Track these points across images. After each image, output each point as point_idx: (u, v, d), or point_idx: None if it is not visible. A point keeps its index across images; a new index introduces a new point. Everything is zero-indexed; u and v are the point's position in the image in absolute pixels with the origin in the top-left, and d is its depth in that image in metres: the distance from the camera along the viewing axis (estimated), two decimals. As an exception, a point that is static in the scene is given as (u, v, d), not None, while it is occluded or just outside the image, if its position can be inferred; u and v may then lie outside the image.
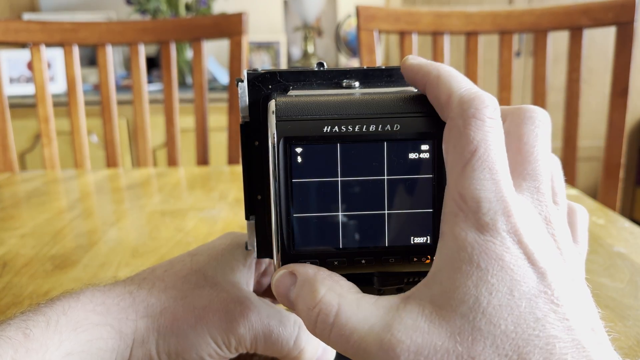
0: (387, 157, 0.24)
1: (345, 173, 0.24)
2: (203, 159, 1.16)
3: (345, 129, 0.24)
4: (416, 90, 0.26)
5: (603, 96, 2.53)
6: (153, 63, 2.19)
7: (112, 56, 1.15)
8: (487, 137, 0.22)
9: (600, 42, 2.43)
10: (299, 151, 0.24)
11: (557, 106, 1.26)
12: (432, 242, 0.25)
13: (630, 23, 1.03)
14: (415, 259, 0.25)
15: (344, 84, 0.27)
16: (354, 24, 2.33)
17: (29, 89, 2.00)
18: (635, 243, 0.57)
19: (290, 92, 0.26)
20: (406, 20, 1.11)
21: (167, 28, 1.14)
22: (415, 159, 0.24)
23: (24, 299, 0.47)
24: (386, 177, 0.24)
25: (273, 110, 0.24)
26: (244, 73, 0.27)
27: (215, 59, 2.24)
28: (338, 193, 0.24)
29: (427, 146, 0.24)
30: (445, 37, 1.11)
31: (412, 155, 0.24)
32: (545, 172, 0.24)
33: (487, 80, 1.39)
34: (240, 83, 0.27)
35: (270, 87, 0.27)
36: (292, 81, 0.27)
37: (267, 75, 0.27)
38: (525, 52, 2.51)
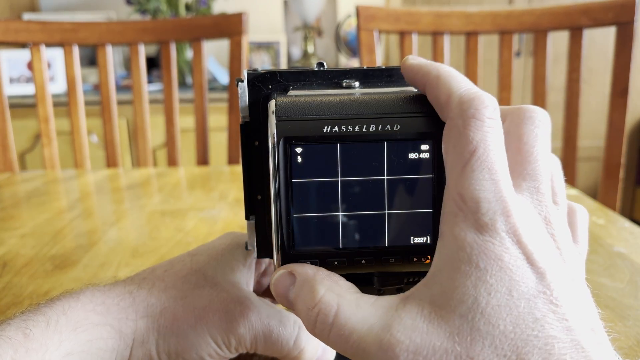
0: (387, 157, 0.24)
1: (345, 173, 0.24)
2: (203, 159, 1.16)
3: (345, 129, 0.24)
4: (416, 90, 0.26)
5: (603, 96, 2.53)
6: (153, 63, 2.19)
7: (112, 56, 1.15)
8: (487, 137, 0.22)
9: (600, 42, 2.43)
10: (299, 151, 0.24)
11: (557, 106, 1.26)
12: (432, 242, 0.25)
13: (630, 23, 1.03)
14: (415, 259, 0.25)
15: (344, 84, 0.27)
16: (354, 24, 2.32)
17: (29, 89, 2.00)
18: (635, 243, 0.57)
19: (290, 92, 0.26)
20: (406, 20, 1.11)
21: (167, 28, 1.14)
22: (415, 159, 0.24)
23: (24, 299, 0.47)
24: (386, 177, 0.24)
25: (273, 110, 0.24)
26: (244, 73, 0.27)
27: (215, 59, 2.24)
28: (338, 193, 0.24)
29: (427, 146, 0.24)
30: (445, 37, 1.11)
31: (412, 155, 0.24)
32: (545, 172, 0.24)
33: (487, 80, 1.39)
34: (240, 83, 0.27)
35: (270, 87, 0.27)
36: (292, 81, 0.27)
37: (267, 75, 0.27)
38: (525, 52, 2.51)
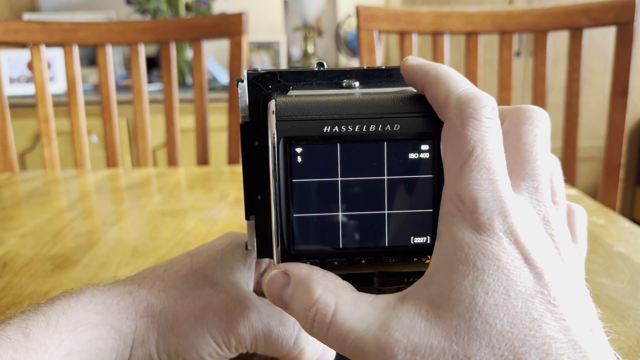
0: (387, 157, 0.24)
1: (345, 173, 0.24)
2: (203, 159, 1.16)
3: (345, 129, 0.24)
4: (416, 90, 0.26)
5: (603, 96, 2.53)
6: (153, 63, 2.19)
7: (112, 56, 1.15)
8: (485, 137, 0.22)
9: (600, 42, 2.43)
10: (299, 151, 0.24)
11: (557, 106, 1.26)
12: (432, 242, 0.25)
13: (630, 23, 1.03)
14: (415, 259, 0.25)
15: (344, 84, 0.27)
16: (354, 24, 2.32)
17: (29, 89, 2.00)
18: (635, 243, 0.57)
19: (290, 92, 0.26)
20: (406, 20, 1.11)
21: (167, 28, 1.14)
22: (415, 159, 0.24)
23: (24, 299, 0.47)
24: (386, 177, 0.24)
25: (273, 110, 0.24)
26: (244, 73, 0.27)
27: (215, 59, 2.24)
28: (338, 193, 0.24)
29: (427, 146, 0.24)
30: (445, 37, 1.11)
31: (412, 155, 0.24)
32: (544, 172, 0.24)
33: (487, 80, 1.39)
34: (240, 83, 0.27)
35: (270, 87, 0.27)
36: (292, 81, 0.27)
37: (267, 75, 0.27)
38: (525, 52, 2.51)
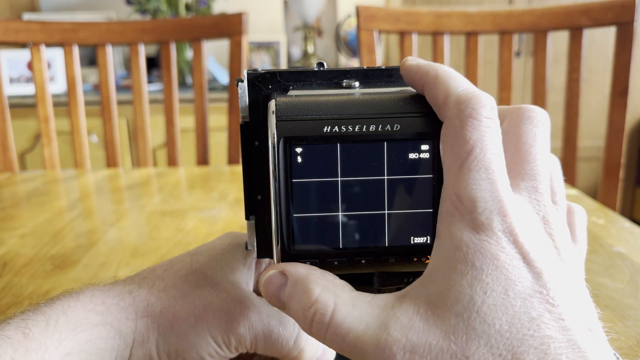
0: (387, 157, 0.24)
1: (345, 173, 0.24)
2: (203, 159, 1.16)
3: (345, 129, 0.24)
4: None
5: (603, 96, 2.53)
6: (153, 63, 2.19)
7: (112, 56, 1.15)
8: (484, 137, 0.22)
9: (600, 42, 2.43)
10: (299, 151, 0.24)
11: (557, 106, 1.26)
12: (432, 242, 0.24)
13: (630, 23, 1.03)
14: (415, 259, 0.25)
15: (344, 84, 0.27)
16: (354, 24, 2.32)
17: (29, 89, 2.00)
18: (635, 243, 0.57)
19: (290, 92, 0.26)
20: (406, 20, 1.11)
21: (167, 28, 1.14)
22: (415, 159, 0.24)
23: (24, 299, 0.47)
24: (386, 177, 0.24)
25: (273, 110, 0.24)
26: (244, 73, 0.27)
27: (215, 59, 2.24)
28: (338, 193, 0.24)
29: (427, 146, 0.24)
30: (445, 37, 1.11)
31: (412, 155, 0.24)
32: (544, 172, 0.24)
33: (487, 80, 1.39)
34: (240, 83, 0.27)
35: (270, 87, 0.27)
36: (292, 81, 0.27)
37: (267, 75, 0.27)
38: (525, 52, 2.51)
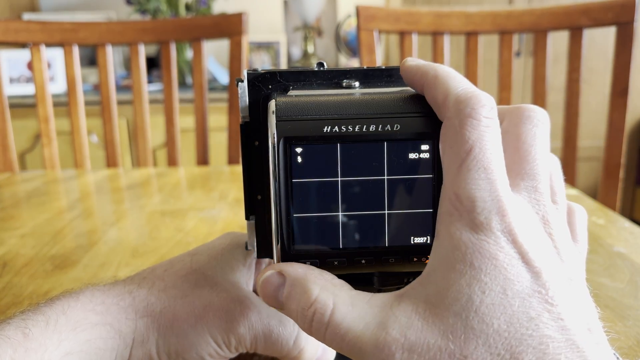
0: (387, 157, 0.24)
1: (345, 173, 0.24)
2: (203, 159, 1.16)
3: (345, 129, 0.24)
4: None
5: (603, 96, 2.53)
6: (153, 63, 2.19)
7: (112, 56, 1.15)
8: (483, 136, 0.22)
9: (600, 42, 2.43)
10: (299, 151, 0.24)
11: (557, 106, 1.26)
12: (432, 242, 0.25)
13: (630, 23, 1.03)
14: (415, 259, 0.25)
15: (344, 84, 0.27)
16: (354, 24, 2.32)
17: (29, 89, 2.00)
18: (635, 243, 0.57)
19: (290, 92, 0.26)
20: (406, 20, 1.11)
21: (167, 28, 1.14)
22: (415, 159, 0.24)
23: (24, 299, 0.47)
24: (386, 177, 0.24)
25: (273, 110, 0.24)
26: (244, 73, 0.27)
27: (215, 59, 2.24)
28: (338, 193, 0.24)
29: (427, 146, 0.24)
30: (445, 37, 1.11)
31: (412, 155, 0.24)
32: (544, 172, 0.24)
33: (487, 80, 1.39)
34: (240, 83, 0.27)
35: (270, 87, 0.27)
36: (292, 81, 0.27)
37: (267, 75, 0.27)
38: (525, 52, 2.51)
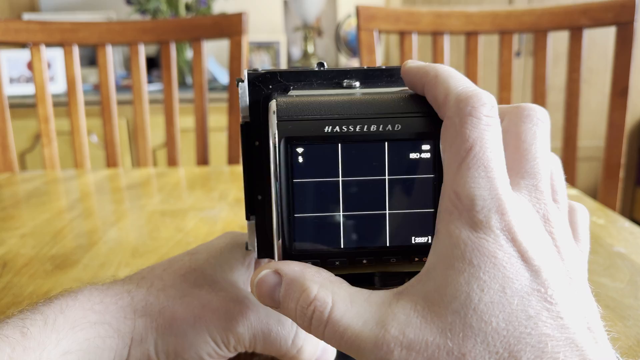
0: (388, 157, 0.24)
1: (346, 173, 0.24)
2: (203, 159, 1.16)
3: (346, 129, 0.24)
4: None
5: (603, 96, 2.53)
6: (153, 63, 2.19)
7: (112, 56, 1.15)
8: (484, 135, 0.22)
9: (600, 42, 2.43)
10: (300, 151, 0.24)
11: (557, 106, 1.26)
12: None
13: (630, 23, 1.03)
14: (416, 258, 0.25)
15: (345, 84, 0.27)
16: (354, 24, 2.32)
17: (29, 89, 2.00)
18: (635, 243, 0.57)
19: (290, 92, 0.26)
20: (406, 20, 1.11)
21: (167, 28, 1.14)
22: (416, 158, 0.24)
23: (23, 299, 0.47)
24: (387, 177, 0.24)
25: (274, 110, 0.24)
26: (244, 73, 0.27)
27: (215, 59, 2.24)
28: (339, 193, 0.24)
29: (428, 146, 0.24)
30: (445, 37, 1.11)
31: (413, 155, 0.24)
32: (544, 170, 0.24)
33: (487, 80, 1.39)
34: (240, 83, 0.27)
35: (270, 87, 0.27)
36: (293, 81, 0.27)
37: (268, 75, 0.27)
38: (525, 52, 2.51)
